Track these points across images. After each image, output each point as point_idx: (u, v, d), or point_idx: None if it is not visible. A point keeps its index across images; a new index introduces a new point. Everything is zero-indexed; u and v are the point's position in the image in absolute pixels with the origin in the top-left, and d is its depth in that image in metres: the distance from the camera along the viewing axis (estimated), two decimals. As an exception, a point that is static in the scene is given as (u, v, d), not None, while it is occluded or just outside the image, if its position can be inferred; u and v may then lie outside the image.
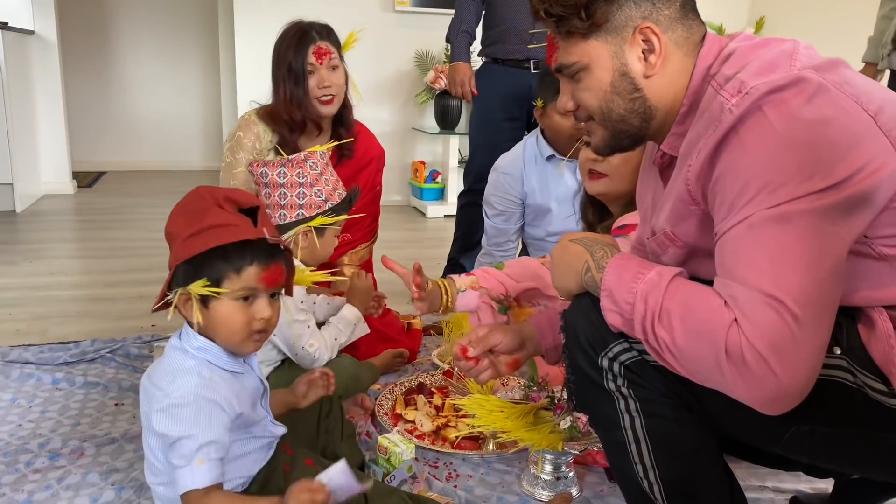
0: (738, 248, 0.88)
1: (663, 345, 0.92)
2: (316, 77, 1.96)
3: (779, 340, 0.83)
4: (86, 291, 2.76)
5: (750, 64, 0.91)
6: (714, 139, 0.90)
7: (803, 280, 0.83)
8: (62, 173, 4.73)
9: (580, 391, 1.11)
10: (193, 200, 1.14)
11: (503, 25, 2.59)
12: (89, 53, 5.71)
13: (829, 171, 0.83)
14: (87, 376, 1.93)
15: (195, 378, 1.11)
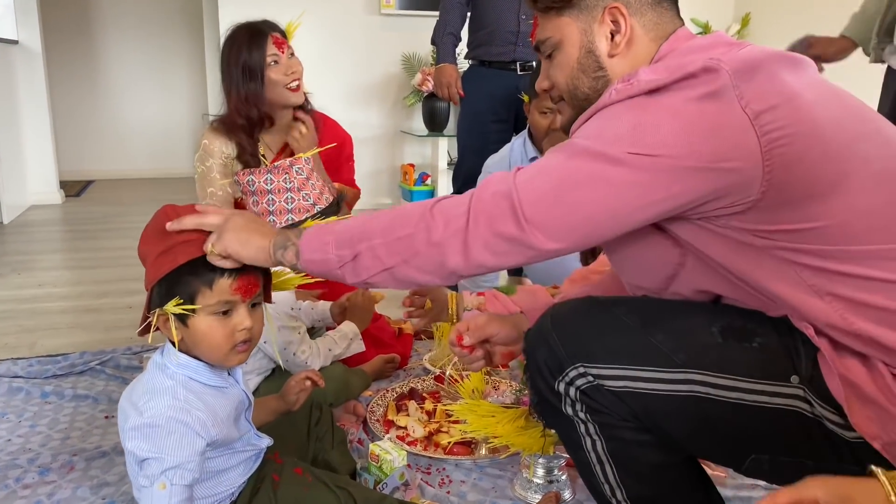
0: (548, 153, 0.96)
1: (364, 252, 0.98)
2: (282, 66, 1.93)
3: (489, 209, 0.92)
4: (75, 303, 2.75)
5: (661, 64, 0.94)
6: (591, 112, 0.95)
7: (545, 190, 0.90)
8: (49, 183, 4.71)
9: (544, 413, 1.10)
10: (159, 220, 1.12)
11: (489, 28, 2.60)
12: (75, 62, 5.68)
13: (665, 150, 0.86)
14: (76, 389, 1.92)
15: (169, 399, 1.09)
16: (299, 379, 1.38)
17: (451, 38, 2.66)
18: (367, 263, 0.99)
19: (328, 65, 4.30)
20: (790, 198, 0.87)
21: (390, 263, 0.98)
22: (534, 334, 1.07)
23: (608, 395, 0.98)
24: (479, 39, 2.65)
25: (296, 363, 1.63)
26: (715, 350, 0.94)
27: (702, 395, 0.93)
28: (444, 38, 2.65)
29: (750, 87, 0.86)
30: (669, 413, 0.96)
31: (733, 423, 0.93)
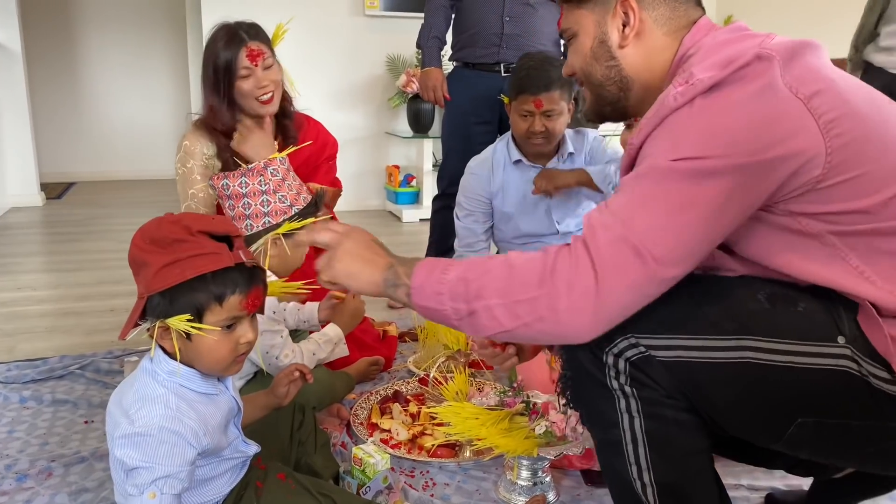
0: (625, 181, 0.96)
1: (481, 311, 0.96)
2: (252, 79, 1.92)
3: (616, 265, 0.90)
4: (55, 306, 2.71)
5: (708, 58, 0.95)
6: (656, 119, 0.96)
7: (659, 221, 0.90)
8: (30, 185, 4.65)
9: (577, 387, 1.09)
10: (162, 228, 1.10)
11: (473, 30, 2.59)
12: (55, 63, 5.62)
13: (740, 153, 0.89)
14: (55, 394, 1.90)
15: (161, 408, 1.08)
16: (288, 371, 1.37)
17: (437, 41, 2.65)
18: (486, 323, 0.97)
19: (312, 66, 4.28)
20: (844, 177, 0.91)
21: (510, 326, 0.96)
22: None
23: (658, 366, 0.99)
24: (463, 41, 2.65)
25: (279, 367, 1.61)
26: (763, 316, 0.96)
27: (753, 361, 0.95)
28: (430, 42, 2.64)
29: (794, 74, 0.92)
30: (719, 382, 0.98)
31: (782, 387, 0.95)
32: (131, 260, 1.11)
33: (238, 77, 1.91)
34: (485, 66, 2.61)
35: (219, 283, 1.08)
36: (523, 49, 2.52)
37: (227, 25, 1.95)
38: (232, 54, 1.89)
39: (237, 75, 1.91)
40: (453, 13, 2.68)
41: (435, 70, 2.63)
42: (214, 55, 1.91)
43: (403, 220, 4.48)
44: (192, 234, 1.09)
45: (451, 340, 1.93)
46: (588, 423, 1.14)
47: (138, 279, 1.09)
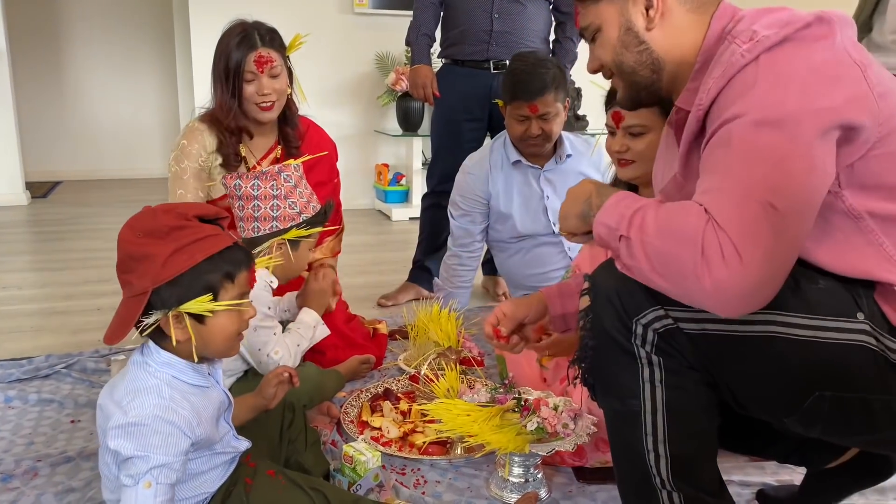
0: (715, 148, 0.95)
1: (636, 241, 0.96)
2: (256, 84, 1.90)
3: (750, 230, 0.88)
4: (40, 305, 2.68)
5: (763, 19, 0.99)
6: (724, 79, 0.97)
7: (773, 176, 0.89)
8: (15, 184, 4.60)
9: (599, 356, 1.10)
10: (157, 218, 1.09)
11: (462, 27, 2.58)
12: (41, 61, 5.57)
13: (815, 97, 0.91)
14: (40, 393, 1.87)
15: (154, 398, 1.08)
16: (276, 373, 1.37)
17: (426, 38, 2.64)
18: (637, 254, 0.97)
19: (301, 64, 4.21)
20: (890, 149, 0.94)
21: (652, 267, 0.95)
22: (605, 275, 1.08)
23: (684, 338, 1.02)
24: (452, 39, 2.64)
25: (269, 364, 1.60)
26: (787, 291, 0.97)
27: (778, 335, 0.98)
28: (419, 39, 2.63)
29: (850, 41, 0.95)
30: (742, 355, 1.00)
31: (804, 360, 0.98)
32: (126, 256, 1.09)
33: (243, 80, 1.89)
34: (474, 64, 2.60)
35: (228, 262, 1.11)
36: (512, 46, 2.51)
37: (243, 24, 1.93)
38: (241, 56, 1.87)
39: (243, 78, 1.89)
40: (442, 10, 2.67)
41: (424, 67, 2.62)
42: (226, 52, 1.89)
43: (393, 219, 4.46)
44: (188, 220, 1.10)
45: (442, 338, 1.92)
46: (603, 396, 1.15)
47: (135, 275, 1.07)
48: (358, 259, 3.38)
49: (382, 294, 2.81)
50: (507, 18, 2.52)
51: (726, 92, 0.97)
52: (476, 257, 2.47)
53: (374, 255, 3.57)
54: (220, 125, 1.95)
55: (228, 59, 1.88)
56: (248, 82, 1.90)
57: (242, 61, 1.87)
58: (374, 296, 2.83)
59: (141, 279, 1.06)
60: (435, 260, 2.76)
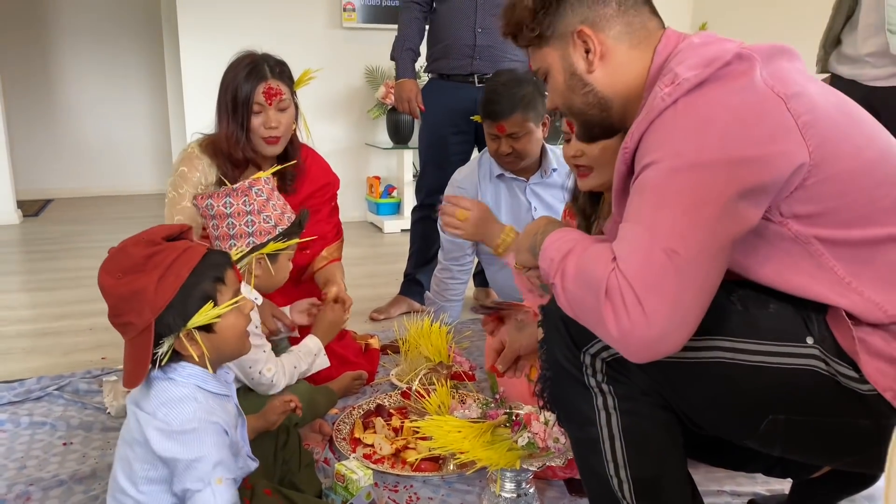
0: (633, 195, 0.97)
1: (558, 288, 0.99)
2: (263, 117, 1.88)
3: (652, 279, 0.89)
4: (32, 326, 2.68)
5: (689, 58, 0.98)
6: (646, 122, 0.98)
7: (680, 223, 0.90)
8: (6, 203, 4.59)
9: (556, 386, 1.13)
10: (129, 254, 1.11)
11: (446, 42, 2.60)
12: (30, 78, 5.56)
13: (734, 147, 0.90)
14: (32, 416, 1.87)
15: (192, 404, 1.12)
16: (284, 401, 1.42)
17: (410, 53, 2.66)
18: (560, 300, 1.01)
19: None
20: (826, 174, 0.94)
21: (573, 313, 1.00)
22: (556, 308, 1.09)
23: (633, 366, 1.02)
24: (436, 53, 2.66)
25: (262, 382, 1.60)
26: (736, 317, 0.99)
27: (725, 361, 0.98)
28: (403, 54, 2.65)
29: (772, 75, 0.95)
30: (692, 380, 1.01)
31: (754, 386, 0.98)
32: (117, 301, 1.10)
33: (251, 111, 1.88)
34: (459, 77, 2.62)
35: (211, 267, 1.14)
36: (496, 60, 2.53)
37: (252, 55, 1.92)
38: (250, 87, 1.86)
39: (251, 110, 1.88)
40: (427, 25, 2.69)
41: (409, 81, 2.64)
42: (235, 84, 1.87)
43: (385, 231, 4.47)
44: (158, 244, 1.13)
45: (433, 353, 1.92)
46: (565, 423, 1.17)
47: (132, 313, 1.09)
48: (350, 272, 3.35)
49: (375, 308, 2.82)
50: (490, 33, 2.53)
51: (648, 136, 0.98)
52: (467, 270, 2.48)
53: (367, 268, 3.58)
54: (222, 156, 1.92)
55: (237, 90, 1.86)
56: (255, 114, 1.88)
57: (251, 92, 1.86)
58: (366, 309, 2.83)
59: (140, 315, 1.08)
60: (426, 272, 2.77)
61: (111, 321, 1.13)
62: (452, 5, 2.57)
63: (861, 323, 0.96)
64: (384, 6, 4.46)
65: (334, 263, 2.14)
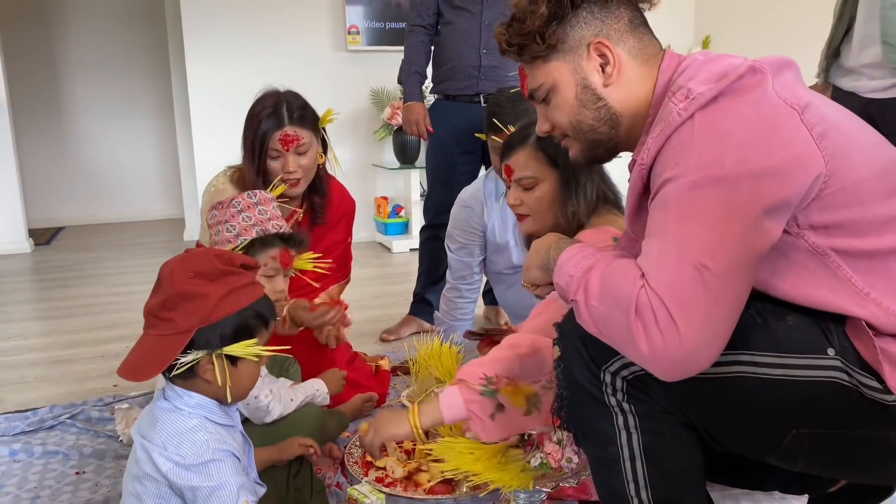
0: (654, 211, 0.96)
1: (581, 305, 0.97)
2: (281, 161, 1.90)
3: (684, 294, 0.87)
4: (44, 354, 2.69)
5: (700, 74, 0.98)
6: (662, 138, 0.97)
7: (708, 238, 0.89)
8: (17, 232, 4.64)
9: (573, 406, 1.11)
10: (209, 261, 1.14)
11: (451, 63, 2.63)
12: (40, 108, 5.64)
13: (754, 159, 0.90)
14: (45, 445, 1.87)
15: (204, 434, 1.12)
16: (304, 444, 1.47)
17: (417, 76, 2.68)
18: (584, 317, 0.98)
19: (297, 102, 4.31)
20: (841, 183, 0.93)
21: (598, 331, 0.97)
22: (571, 324, 1.07)
23: (654, 383, 1.00)
24: (442, 75, 2.68)
25: (257, 406, 1.59)
26: (756, 330, 0.97)
27: (747, 375, 0.97)
28: (410, 77, 2.67)
29: (784, 88, 0.96)
30: (715, 396, 0.99)
31: (777, 399, 0.97)
32: (177, 294, 1.11)
33: (268, 156, 1.89)
34: (465, 98, 2.64)
35: (264, 310, 1.17)
36: (501, 80, 2.55)
37: (275, 94, 1.92)
38: (267, 131, 1.87)
39: (268, 155, 1.89)
40: (432, 47, 2.72)
41: (417, 104, 2.66)
42: (256, 123, 1.88)
43: (393, 251, 4.48)
44: (235, 266, 1.15)
45: (443, 374, 1.92)
46: (584, 443, 1.15)
47: (180, 312, 1.10)
48: (360, 293, 3.39)
49: (385, 328, 2.82)
50: (495, 53, 2.55)
51: (665, 151, 0.97)
52: (476, 289, 2.48)
53: (376, 289, 3.58)
54: (246, 185, 1.92)
55: (255, 134, 1.88)
56: (272, 159, 1.89)
57: (267, 138, 1.87)
58: (376, 330, 2.83)
59: (187, 318, 1.09)
60: (435, 292, 2.77)
61: (151, 312, 1.13)
62: (457, 28, 2.60)
63: (881, 333, 0.95)
64: (388, 29, 4.51)
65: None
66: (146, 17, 5.70)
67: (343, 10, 4.45)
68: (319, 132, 1.99)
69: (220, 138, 4.23)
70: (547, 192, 1.59)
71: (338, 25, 4.50)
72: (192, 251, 1.19)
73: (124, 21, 5.73)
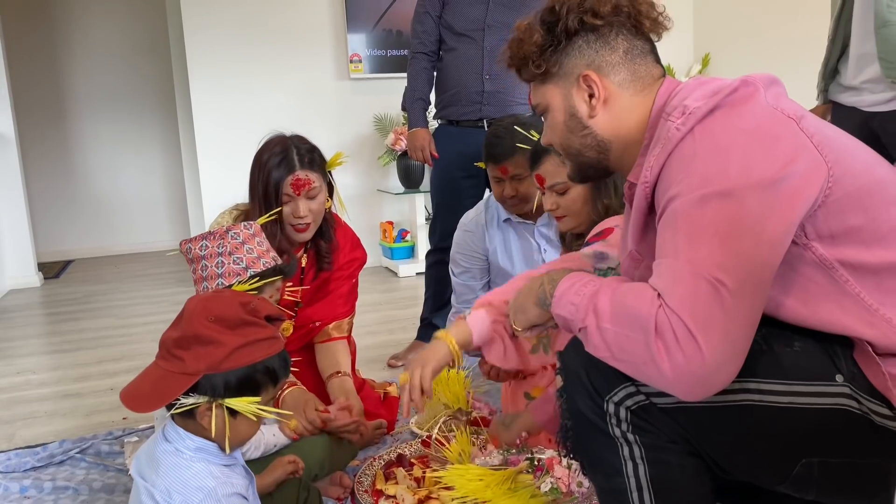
0: (664, 230, 0.95)
1: (592, 329, 0.96)
2: (292, 206, 1.90)
3: (702, 311, 0.87)
4: (54, 389, 2.70)
5: (694, 93, 0.99)
6: (664, 155, 0.98)
7: (720, 253, 0.88)
8: (27, 266, 4.67)
9: (578, 436, 1.09)
10: (231, 308, 1.12)
11: (455, 89, 2.65)
12: (48, 142, 5.71)
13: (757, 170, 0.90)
14: (55, 480, 1.87)
15: (210, 481, 1.11)
16: (289, 461, 1.42)
17: (421, 102, 2.70)
18: (596, 342, 0.97)
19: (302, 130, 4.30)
20: (846, 190, 0.93)
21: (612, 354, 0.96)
22: (574, 354, 1.07)
23: (659, 413, 1.00)
24: (445, 101, 2.71)
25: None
26: (763, 357, 0.96)
27: (754, 403, 0.95)
28: (414, 104, 2.70)
29: (776, 100, 0.97)
30: (721, 425, 0.98)
31: (785, 428, 0.95)
32: (193, 336, 1.10)
33: (280, 202, 1.89)
34: (468, 123, 2.66)
35: (276, 367, 1.15)
36: (505, 104, 2.57)
37: (282, 140, 1.92)
38: (279, 177, 1.87)
39: (281, 201, 1.89)
40: (435, 73, 2.74)
41: (421, 130, 2.68)
42: (265, 170, 1.88)
43: (400, 276, 4.49)
44: (258, 317, 1.14)
45: (451, 399, 1.91)
46: (590, 472, 1.14)
47: (192, 354, 1.09)
48: (368, 318, 3.39)
49: (392, 354, 2.82)
50: (497, 79, 2.58)
51: (668, 167, 0.97)
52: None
53: (384, 314, 3.58)
54: None
55: (268, 180, 1.87)
56: (284, 203, 1.89)
57: (280, 184, 1.87)
58: (384, 356, 2.83)
59: (197, 361, 1.09)
60: (442, 316, 2.77)
61: (165, 344, 1.13)
62: (460, 54, 2.63)
63: (889, 356, 0.93)
64: (390, 56, 4.56)
65: (338, 342, 2.07)
66: (151, 51, 5.78)
67: (345, 39, 4.51)
68: (327, 176, 2.00)
69: (225, 168, 4.27)
70: (579, 193, 1.70)
71: (340, 54, 4.55)
72: (222, 293, 1.18)
73: (130, 55, 5.81)
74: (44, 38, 5.60)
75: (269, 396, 1.16)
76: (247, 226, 1.63)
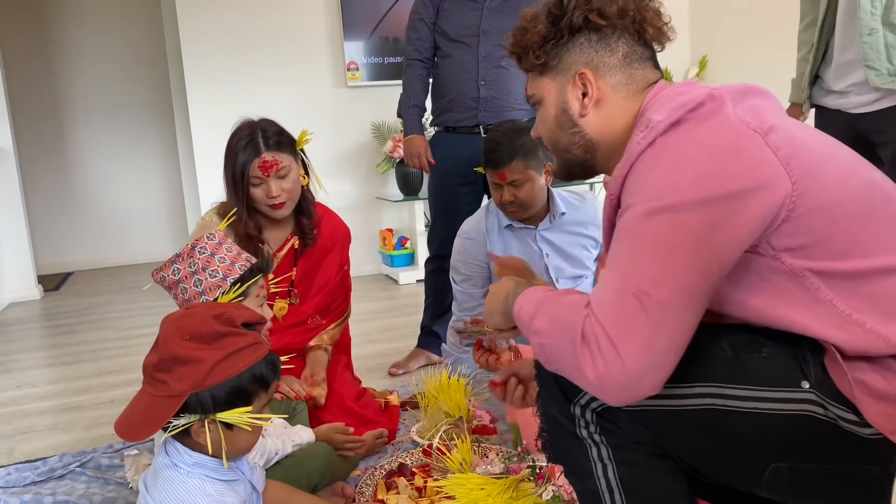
0: (613, 242, 0.97)
1: (535, 345, 0.98)
2: (263, 188, 1.93)
3: (625, 322, 0.89)
4: (54, 402, 2.69)
5: (664, 105, 0.99)
6: (626, 167, 0.99)
7: (652, 266, 0.89)
8: (27, 279, 4.67)
9: (553, 440, 1.11)
10: (205, 323, 1.11)
11: (450, 96, 2.65)
12: (47, 154, 5.72)
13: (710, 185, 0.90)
14: (55, 495, 1.86)
15: (203, 498, 1.10)
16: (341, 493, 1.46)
17: (417, 109, 2.70)
18: (538, 352, 1.01)
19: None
20: (813, 203, 0.92)
21: (549, 360, 1.00)
22: None
23: (623, 415, 1.01)
24: (441, 107, 2.70)
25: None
26: (727, 362, 0.96)
27: (718, 408, 0.96)
28: (410, 111, 2.69)
29: (746, 112, 0.96)
30: (686, 429, 0.99)
31: (750, 433, 0.95)
32: (170, 358, 1.09)
33: (250, 185, 1.92)
34: (465, 129, 2.65)
35: (264, 371, 1.14)
36: (501, 110, 2.57)
37: (249, 124, 1.95)
38: (246, 160, 1.90)
39: (249, 183, 1.92)
40: (430, 80, 2.74)
41: (417, 137, 2.68)
42: (233, 155, 1.92)
43: (400, 283, 4.48)
44: (235, 327, 1.12)
45: (452, 408, 1.91)
46: (568, 476, 1.15)
47: (174, 376, 1.08)
48: (367, 327, 3.39)
49: (393, 362, 2.81)
50: (493, 85, 2.58)
51: (630, 179, 0.98)
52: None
53: (383, 322, 3.58)
54: (235, 225, 1.95)
55: (235, 165, 1.91)
56: (255, 186, 1.92)
57: (247, 167, 1.90)
58: (384, 364, 2.82)
59: (180, 382, 1.08)
60: (442, 324, 2.76)
61: (147, 370, 1.11)
62: (455, 60, 2.62)
63: (856, 361, 0.92)
64: (387, 63, 4.57)
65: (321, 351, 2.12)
66: (149, 62, 5.79)
67: (342, 46, 4.52)
68: (298, 155, 2.02)
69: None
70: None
71: (337, 62, 4.56)
72: (193, 309, 1.15)
73: (127, 66, 5.82)
74: (41, 50, 5.62)
75: (264, 402, 1.15)
76: (210, 236, 1.60)
